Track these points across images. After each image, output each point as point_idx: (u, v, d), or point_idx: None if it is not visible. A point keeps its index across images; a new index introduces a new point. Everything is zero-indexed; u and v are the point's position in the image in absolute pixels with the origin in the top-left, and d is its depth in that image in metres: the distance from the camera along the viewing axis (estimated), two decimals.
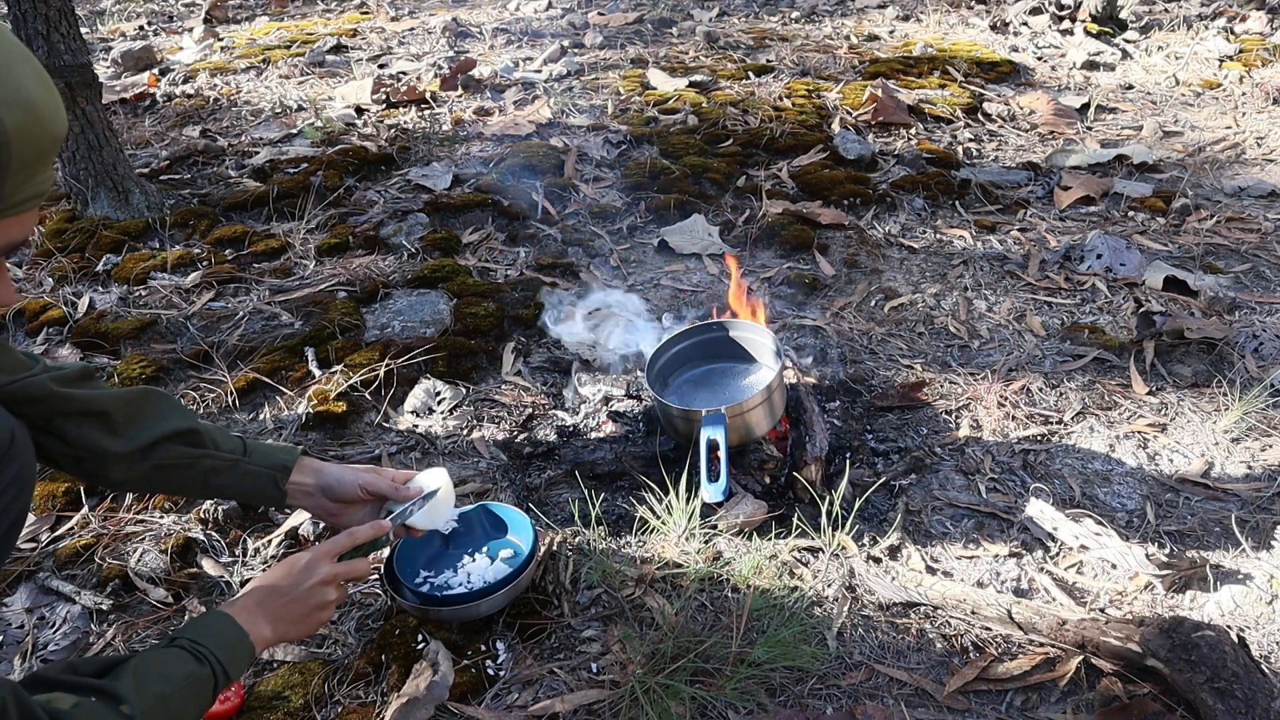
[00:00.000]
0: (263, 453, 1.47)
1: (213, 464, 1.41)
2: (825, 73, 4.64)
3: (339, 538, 1.39)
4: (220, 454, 1.42)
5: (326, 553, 1.35)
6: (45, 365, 1.27)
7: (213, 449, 1.41)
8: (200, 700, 1.13)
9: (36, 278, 2.84)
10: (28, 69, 0.88)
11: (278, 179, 3.37)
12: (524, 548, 1.73)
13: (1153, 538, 1.85)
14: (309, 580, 1.31)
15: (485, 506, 1.81)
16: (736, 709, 1.47)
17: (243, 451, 1.45)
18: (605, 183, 3.42)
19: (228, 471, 1.43)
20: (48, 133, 0.90)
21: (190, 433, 1.39)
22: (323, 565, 1.33)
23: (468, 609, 1.59)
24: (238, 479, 1.44)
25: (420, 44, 5.28)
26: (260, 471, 1.45)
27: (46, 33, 2.80)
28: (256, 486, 1.46)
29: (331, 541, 1.38)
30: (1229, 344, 2.41)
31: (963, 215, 3.27)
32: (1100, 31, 5.45)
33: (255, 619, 1.24)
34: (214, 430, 1.44)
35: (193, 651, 1.14)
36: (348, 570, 1.36)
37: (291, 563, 1.33)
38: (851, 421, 2.22)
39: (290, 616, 1.28)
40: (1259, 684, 1.37)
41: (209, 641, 1.16)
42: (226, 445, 1.43)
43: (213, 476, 1.42)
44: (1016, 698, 1.51)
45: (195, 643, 1.15)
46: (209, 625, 1.20)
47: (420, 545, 1.75)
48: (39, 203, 0.94)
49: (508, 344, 2.51)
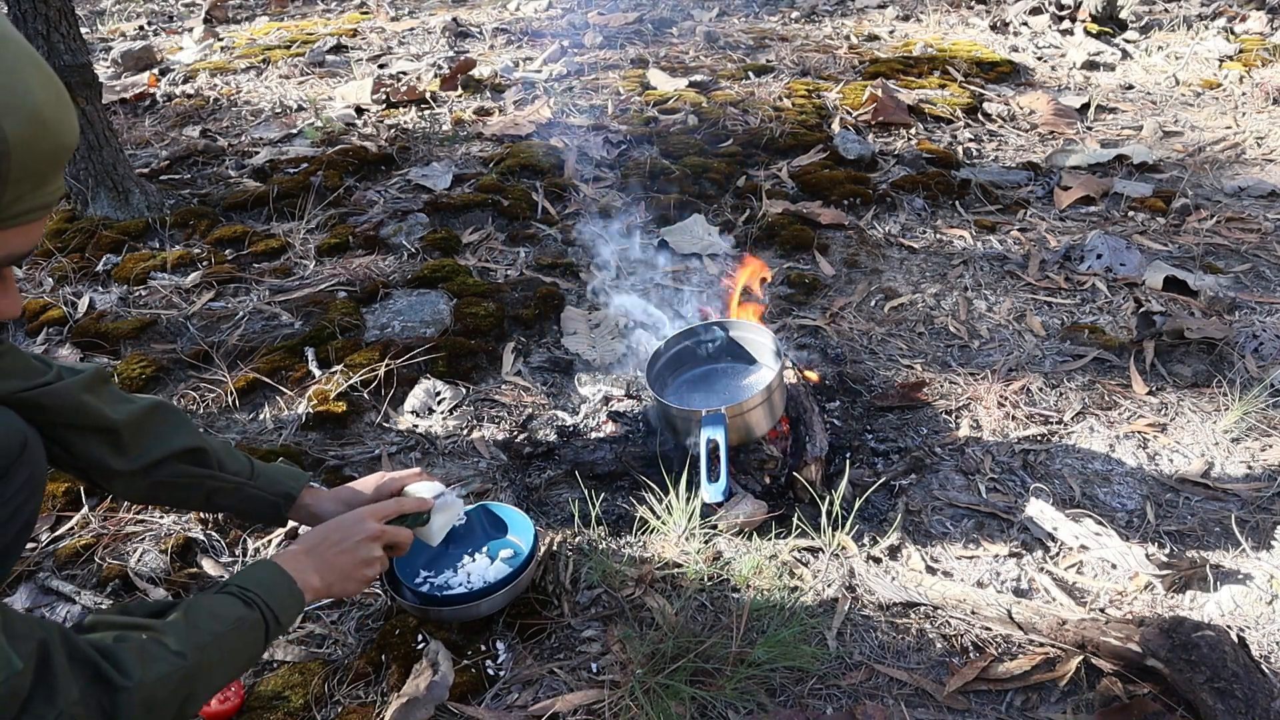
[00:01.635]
0: (269, 478, 1.47)
1: (217, 485, 1.41)
2: (825, 73, 4.64)
3: (386, 503, 1.42)
4: (225, 475, 1.42)
5: (373, 513, 1.37)
6: (60, 370, 1.26)
7: (217, 469, 1.41)
8: (253, 644, 1.14)
9: (36, 278, 2.84)
10: (36, 75, 0.84)
11: (278, 179, 3.37)
12: (524, 548, 1.73)
13: (1153, 538, 1.85)
14: (358, 534, 1.32)
15: (485, 506, 1.81)
16: (736, 709, 1.47)
17: (249, 475, 1.45)
18: (605, 183, 3.42)
19: (232, 494, 1.43)
20: (54, 142, 0.85)
21: (197, 451, 1.39)
22: (370, 522, 1.35)
23: (468, 609, 1.59)
24: (241, 501, 1.45)
25: (420, 44, 5.28)
26: (264, 497, 1.46)
27: (46, 33, 2.80)
28: (259, 510, 1.48)
29: (379, 504, 1.41)
30: (1229, 344, 2.41)
31: (963, 215, 3.27)
32: (1100, 31, 5.45)
33: (304, 568, 1.24)
34: (221, 450, 1.43)
35: (241, 597, 1.14)
36: (393, 535, 1.39)
37: (340, 519, 1.36)
38: (851, 421, 2.22)
39: (339, 567, 1.29)
40: (1259, 684, 1.37)
41: (258, 588, 1.16)
42: (233, 467, 1.43)
43: (216, 496, 1.43)
44: (1016, 698, 1.51)
45: (245, 589, 1.15)
46: (257, 573, 1.20)
47: (420, 545, 1.75)
48: (46, 214, 0.90)
49: (508, 344, 2.51)
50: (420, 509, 1.50)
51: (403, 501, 1.46)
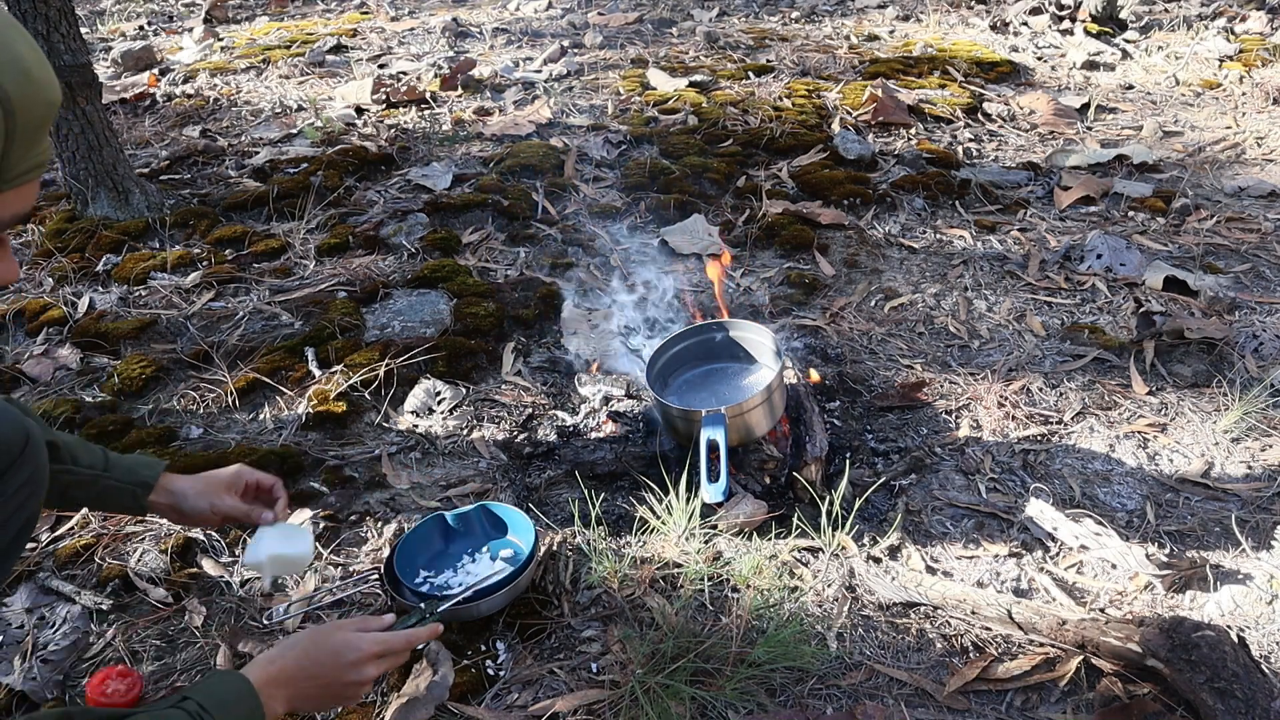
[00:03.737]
0: (124, 468, 1.43)
1: (71, 479, 1.36)
2: (825, 73, 4.64)
3: (396, 639, 1.33)
4: (79, 469, 1.37)
5: (377, 655, 1.29)
6: None
7: (70, 463, 1.36)
8: None
9: (36, 278, 2.84)
10: (19, 35, 0.87)
11: (278, 179, 3.37)
12: (524, 548, 1.73)
13: (1153, 538, 1.85)
14: (349, 677, 1.26)
15: (485, 506, 1.81)
16: (736, 709, 1.48)
17: (103, 466, 1.40)
18: (605, 183, 3.42)
19: (88, 486, 1.39)
20: (45, 98, 0.89)
21: (48, 447, 1.31)
22: (370, 667, 1.28)
23: (468, 609, 1.59)
24: (98, 493, 1.41)
25: (420, 44, 5.28)
26: (120, 487, 1.42)
27: (46, 33, 2.80)
28: (117, 500, 1.43)
29: (387, 640, 1.32)
30: (1229, 344, 2.41)
31: (963, 215, 3.27)
32: (1100, 31, 5.45)
33: (276, 694, 1.19)
34: (74, 444, 1.39)
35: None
36: (391, 666, 1.34)
37: (339, 651, 1.27)
38: (851, 421, 2.22)
39: (312, 700, 1.26)
40: (1259, 684, 1.37)
41: (219, 712, 1.09)
42: (86, 460, 1.39)
43: (71, 490, 1.38)
44: (1016, 698, 1.51)
45: (204, 711, 1.09)
46: (226, 694, 1.13)
47: (421, 545, 1.75)
48: (40, 174, 0.93)
49: (508, 344, 2.51)
50: (432, 638, 1.41)
51: (412, 636, 1.37)
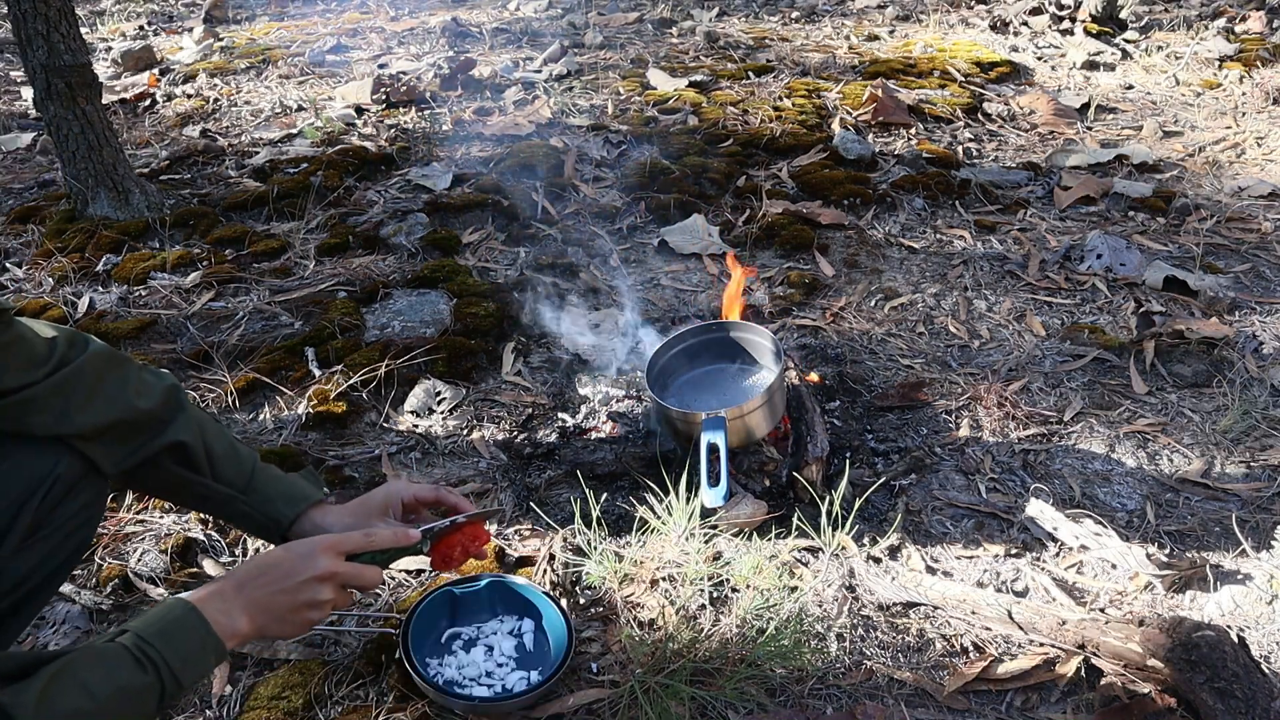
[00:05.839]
0: (264, 497, 1.32)
1: (205, 493, 1.29)
2: (825, 73, 4.64)
3: (353, 534, 1.20)
4: (215, 486, 1.29)
5: (332, 546, 1.16)
6: (60, 357, 1.15)
7: (208, 476, 1.28)
8: (137, 713, 0.97)
9: (36, 278, 2.84)
10: None
11: (278, 179, 3.37)
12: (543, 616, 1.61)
13: (1153, 538, 1.85)
14: (305, 571, 1.12)
15: (503, 582, 1.66)
16: (736, 709, 1.48)
17: (243, 487, 1.31)
18: (605, 183, 3.42)
19: (221, 504, 1.31)
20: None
21: (180, 448, 1.26)
22: (324, 558, 1.13)
23: (497, 705, 1.49)
24: (230, 514, 1.34)
25: (420, 44, 5.28)
26: (253, 515, 1.33)
27: (46, 33, 2.80)
28: (254, 528, 1.35)
29: (343, 536, 1.19)
30: (1229, 344, 2.41)
31: (963, 215, 3.27)
32: (1100, 31, 5.45)
33: (231, 609, 1.07)
34: (220, 451, 1.30)
35: (136, 654, 0.97)
36: (354, 574, 1.16)
37: (289, 548, 1.15)
38: (851, 421, 2.22)
39: (274, 609, 1.10)
40: (1259, 684, 1.37)
41: (160, 642, 0.99)
42: (228, 474, 1.30)
43: (207, 505, 1.32)
44: (1016, 698, 1.51)
45: (143, 642, 0.98)
46: (167, 621, 1.03)
47: (434, 620, 1.62)
48: None
49: (508, 344, 2.51)
50: (400, 544, 1.25)
51: (372, 534, 1.22)
